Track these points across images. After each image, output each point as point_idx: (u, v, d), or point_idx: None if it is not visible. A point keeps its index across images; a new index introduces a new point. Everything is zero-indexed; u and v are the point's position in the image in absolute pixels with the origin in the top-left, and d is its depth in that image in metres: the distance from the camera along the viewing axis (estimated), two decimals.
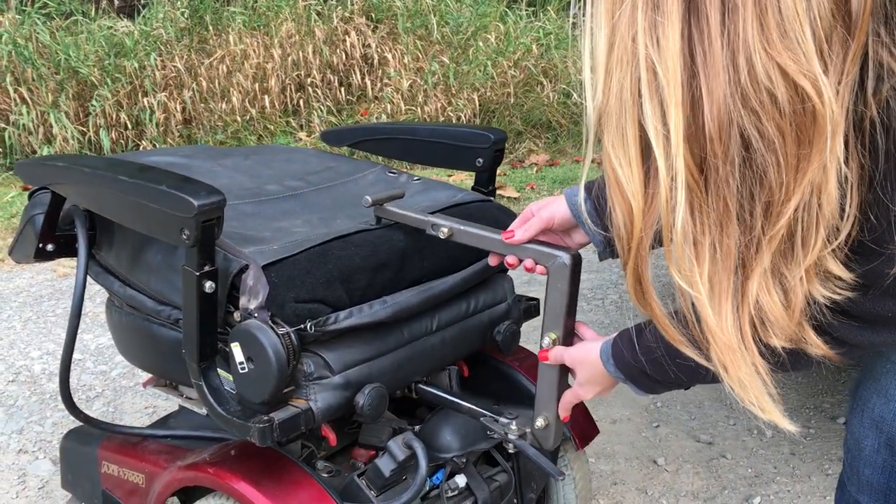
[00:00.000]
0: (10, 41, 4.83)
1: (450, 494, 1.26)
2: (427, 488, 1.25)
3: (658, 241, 0.72)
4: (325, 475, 1.23)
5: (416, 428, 1.28)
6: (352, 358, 1.12)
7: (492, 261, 1.14)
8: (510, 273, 1.36)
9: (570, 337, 1.07)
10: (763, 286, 0.69)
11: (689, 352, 0.78)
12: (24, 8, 5.12)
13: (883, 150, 0.67)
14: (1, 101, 4.80)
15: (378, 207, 1.21)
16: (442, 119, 5.19)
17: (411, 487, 1.16)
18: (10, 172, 4.71)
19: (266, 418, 1.05)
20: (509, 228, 1.08)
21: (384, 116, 5.25)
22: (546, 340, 1.06)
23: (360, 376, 1.13)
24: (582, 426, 1.46)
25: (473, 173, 1.50)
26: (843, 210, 0.68)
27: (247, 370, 1.05)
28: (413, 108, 5.25)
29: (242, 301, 1.06)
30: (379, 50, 5.57)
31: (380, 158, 1.85)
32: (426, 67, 5.39)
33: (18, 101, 4.76)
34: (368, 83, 5.47)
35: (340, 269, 1.12)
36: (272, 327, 1.03)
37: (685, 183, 0.65)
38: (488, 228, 1.12)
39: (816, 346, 0.77)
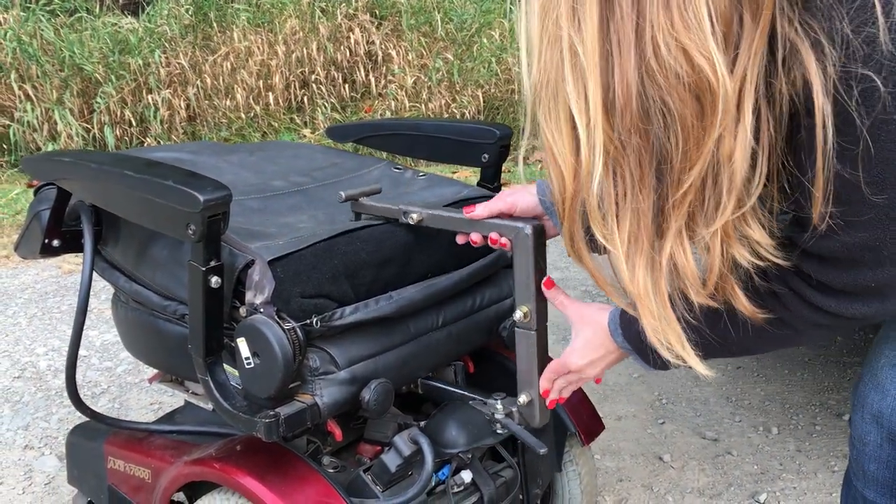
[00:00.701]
0: (14, 38, 4.84)
1: (455, 490, 1.26)
2: (433, 484, 1.25)
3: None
4: (331, 470, 1.23)
5: (422, 423, 1.28)
6: (357, 353, 1.12)
7: (459, 239, 1.17)
8: None
9: (543, 308, 1.09)
10: (677, 245, 0.76)
11: (617, 299, 0.88)
12: (28, 5, 5.13)
13: (787, 118, 0.72)
14: (6, 98, 4.80)
15: (354, 203, 1.23)
16: (446, 116, 5.19)
17: (417, 483, 1.16)
18: (15, 169, 4.72)
19: (272, 413, 1.05)
20: (472, 205, 1.12)
21: (388, 113, 5.25)
22: (518, 314, 1.09)
23: (366, 371, 1.12)
24: (587, 422, 1.46)
25: (479, 169, 1.50)
26: (754, 178, 0.73)
27: (253, 365, 1.05)
28: (417, 104, 5.24)
29: (248, 296, 1.06)
30: (383, 47, 5.57)
31: (385, 154, 1.84)
32: (430, 64, 5.39)
33: (23, 98, 4.77)
34: (372, 80, 5.47)
35: (346, 264, 1.11)
36: (278, 322, 1.03)
37: (603, 151, 0.72)
38: (455, 210, 1.15)
39: (744, 306, 0.82)
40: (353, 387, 1.11)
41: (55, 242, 1.34)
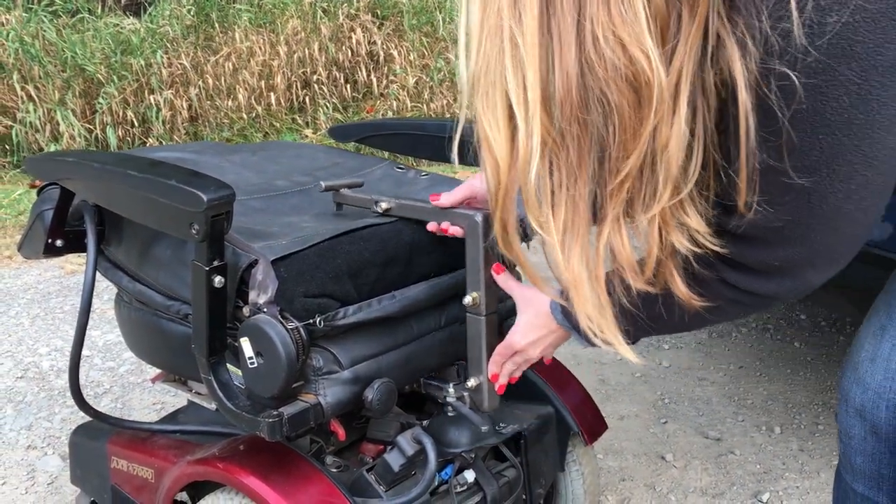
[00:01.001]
0: (16, 39, 4.85)
1: (459, 490, 1.26)
2: (436, 483, 1.25)
3: None
4: (334, 470, 1.23)
5: (425, 423, 1.28)
6: (361, 353, 1.12)
7: (430, 227, 1.19)
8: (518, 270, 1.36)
9: (492, 295, 1.12)
10: (615, 232, 0.78)
11: (546, 290, 0.95)
12: (30, 6, 5.14)
13: (716, 109, 0.75)
14: (8, 98, 4.81)
15: (335, 193, 1.28)
16: (448, 116, 5.19)
17: (421, 482, 1.16)
18: (18, 170, 4.73)
19: (275, 413, 1.05)
20: (438, 193, 1.16)
21: (390, 113, 5.25)
22: (467, 299, 1.13)
23: (369, 371, 1.12)
24: (590, 421, 1.46)
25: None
26: (689, 166, 0.76)
27: (256, 365, 1.05)
28: (419, 104, 5.25)
29: (252, 296, 1.06)
30: (385, 47, 5.57)
31: (387, 154, 1.84)
32: (432, 64, 5.39)
33: (25, 98, 4.78)
34: (374, 80, 5.47)
35: (349, 263, 1.11)
36: (281, 322, 1.03)
37: (541, 140, 0.74)
38: (422, 199, 1.19)
39: (681, 291, 0.85)
40: (356, 386, 1.11)
41: (58, 242, 1.34)
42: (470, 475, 1.27)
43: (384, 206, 1.21)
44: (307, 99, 5.40)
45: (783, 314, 2.92)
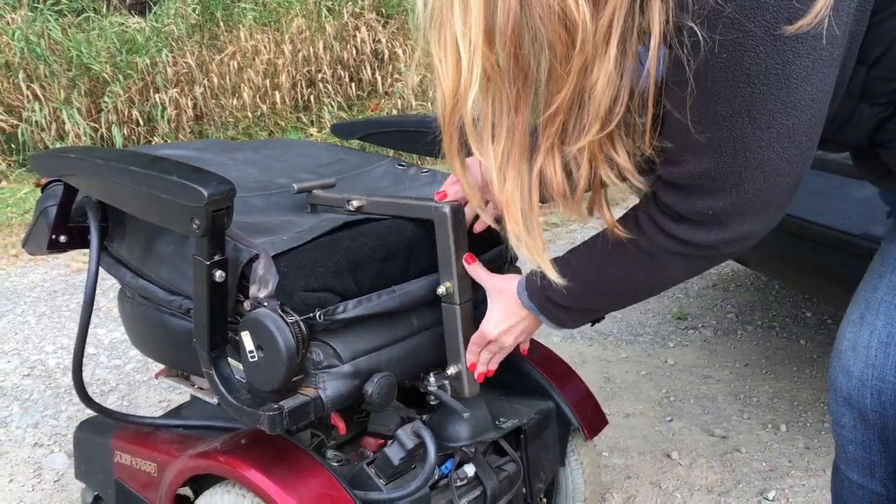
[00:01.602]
0: (22, 38, 4.87)
1: (459, 484, 1.26)
2: (436, 477, 1.25)
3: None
4: (335, 464, 1.23)
5: (425, 417, 1.28)
6: (361, 347, 1.13)
7: (477, 227, 1.25)
8: (519, 263, 1.36)
9: (465, 284, 1.16)
10: (548, 161, 0.86)
11: (473, 199, 1.03)
12: (36, 5, 5.16)
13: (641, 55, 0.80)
14: (13, 97, 4.83)
15: (309, 195, 1.31)
16: None
17: (420, 476, 1.16)
18: (23, 169, 4.75)
19: (276, 406, 1.05)
20: (442, 188, 1.20)
21: (395, 112, 5.25)
22: (441, 290, 1.17)
23: (369, 365, 1.13)
24: (591, 417, 1.46)
25: None
26: (615, 106, 0.82)
27: (256, 359, 1.06)
28: (424, 103, 5.25)
29: (252, 290, 1.07)
30: (389, 45, 5.58)
31: (391, 152, 1.85)
32: None
33: (31, 97, 4.80)
34: (379, 79, 5.47)
35: (349, 258, 1.12)
36: (282, 316, 1.03)
37: (483, 72, 0.82)
38: (398, 196, 1.23)
39: (608, 219, 0.94)
40: (356, 380, 1.11)
41: (62, 238, 1.34)
42: (470, 469, 1.27)
43: (356, 203, 1.23)
44: (312, 98, 5.41)
45: (789, 312, 2.91)
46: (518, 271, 1.38)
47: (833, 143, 0.92)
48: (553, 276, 0.96)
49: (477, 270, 1.16)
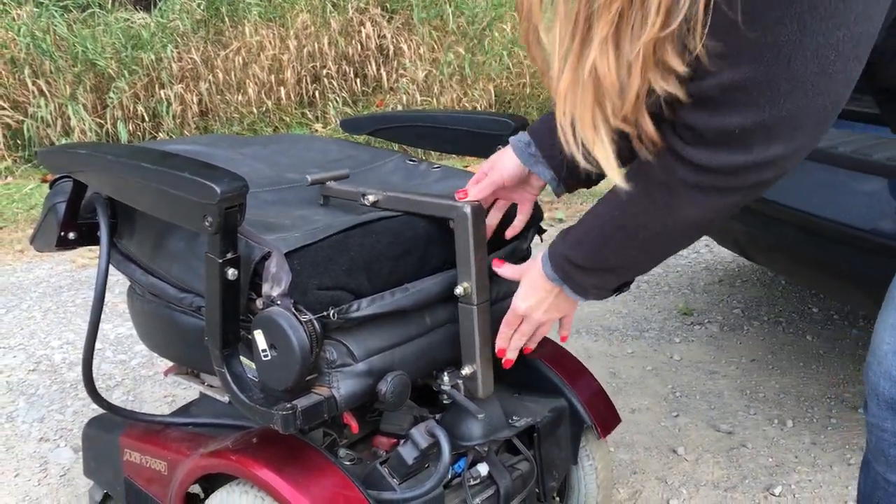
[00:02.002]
0: (28, 34, 4.86)
1: (472, 483, 1.26)
2: (449, 476, 1.25)
3: None
4: (348, 463, 1.23)
5: (438, 416, 1.28)
6: (374, 345, 1.12)
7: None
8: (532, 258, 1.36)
9: (483, 285, 1.16)
10: (601, 54, 0.80)
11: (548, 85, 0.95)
12: (41, 1, 5.15)
13: None
14: (19, 93, 4.83)
15: (322, 186, 1.29)
16: (457, 109, 5.17)
17: (434, 475, 1.15)
18: (29, 165, 4.74)
19: (289, 405, 1.04)
20: (465, 188, 1.18)
21: (400, 107, 5.24)
22: (458, 290, 1.15)
23: (383, 364, 1.12)
24: (604, 415, 1.46)
25: None
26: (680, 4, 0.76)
27: (269, 357, 1.05)
28: (429, 98, 5.24)
29: (265, 288, 1.06)
30: (394, 41, 5.56)
31: (398, 147, 1.84)
32: (442, 58, 5.37)
33: (36, 93, 4.79)
34: (384, 74, 5.46)
35: (363, 256, 1.11)
36: (295, 314, 1.03)
37: None
38: (415, 193, 1.20)
39: (650, 131, 0.87)
40: (369, 379, 1.10)
41: (71, 235, 1.34)
42: (483, 468, 1.26)
43: (371, 198, 1.22)
44: (317, 93, 5.40)
45: (795, 307, 2.90)
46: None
47: (871, 78, 0.88)
48: (618, 178, 0.90)
49: (506, 270, 1.16)
